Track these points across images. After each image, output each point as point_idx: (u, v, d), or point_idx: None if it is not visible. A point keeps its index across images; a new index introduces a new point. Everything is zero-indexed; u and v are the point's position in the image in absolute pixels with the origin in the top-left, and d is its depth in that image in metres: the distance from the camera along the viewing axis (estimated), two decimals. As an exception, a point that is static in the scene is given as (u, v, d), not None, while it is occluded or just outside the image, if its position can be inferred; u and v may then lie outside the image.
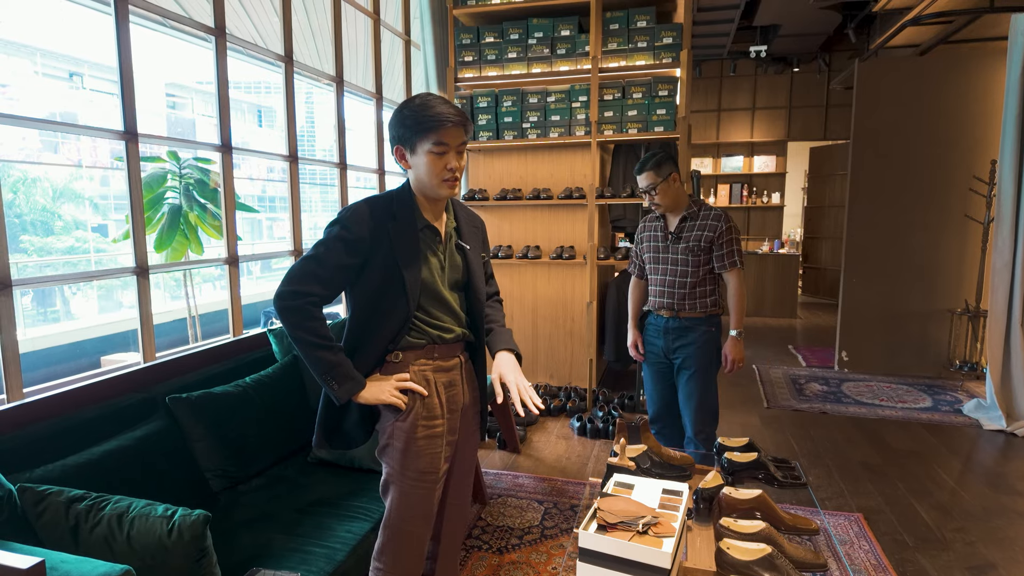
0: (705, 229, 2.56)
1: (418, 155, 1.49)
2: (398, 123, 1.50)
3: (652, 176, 2.54)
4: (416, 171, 1.52)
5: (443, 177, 1.49)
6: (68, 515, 1.32)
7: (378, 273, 1.51)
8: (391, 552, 1.60)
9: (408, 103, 1.49)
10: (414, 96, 1.51)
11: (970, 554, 2.45)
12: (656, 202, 2.58)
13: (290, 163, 3.21)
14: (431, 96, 1.50)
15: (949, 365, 4.89)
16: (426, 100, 1.48)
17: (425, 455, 1.57)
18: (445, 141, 1.46)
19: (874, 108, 4.98)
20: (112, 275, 2.34)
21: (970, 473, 3.24)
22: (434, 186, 1.50)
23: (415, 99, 1.49)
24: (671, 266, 2.62)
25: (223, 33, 2.69)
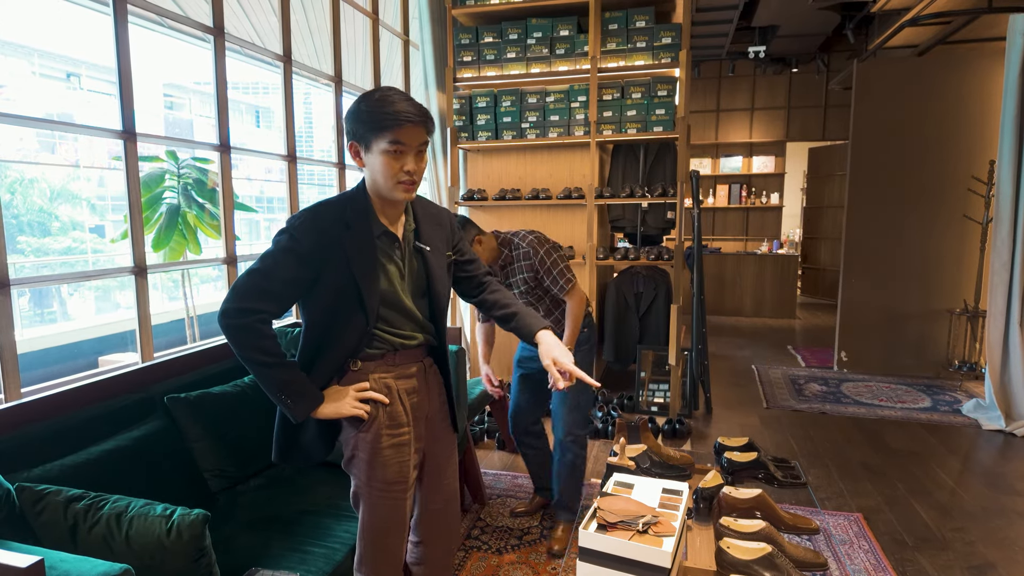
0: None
1: (373, 154, 1.36)
2: (354, 117, 1.37)
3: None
4: (371, 171, 1.40)
5: (399, 179, 1.37)
6: (67, 515, 1.31)
7: (332, 286, 1.41)
8: (369, 563, 1.55)
9: (366, 97, 1.37)
10: (373, 90, 1.37)
11: (970, 554, 2.45)
12: None
13: (288, 163, 3.21)
14: (391, 91, 1.37)
15: (948, 365, 4.89)
16: (385, 95, 1.35)
17: (392, 464, 1.50)
18: (402, 140, 1.34)
19: (873, 109, 4.99)
20: (110, 275, 2.34)
21: (969, 473, 3.24)
22: (389, 188, 1.39)
23: (374, 93, 1.37)
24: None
25: (222, 32, 2.69)
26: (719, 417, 4.08)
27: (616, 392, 4.34)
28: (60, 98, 14.06)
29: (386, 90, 1.37)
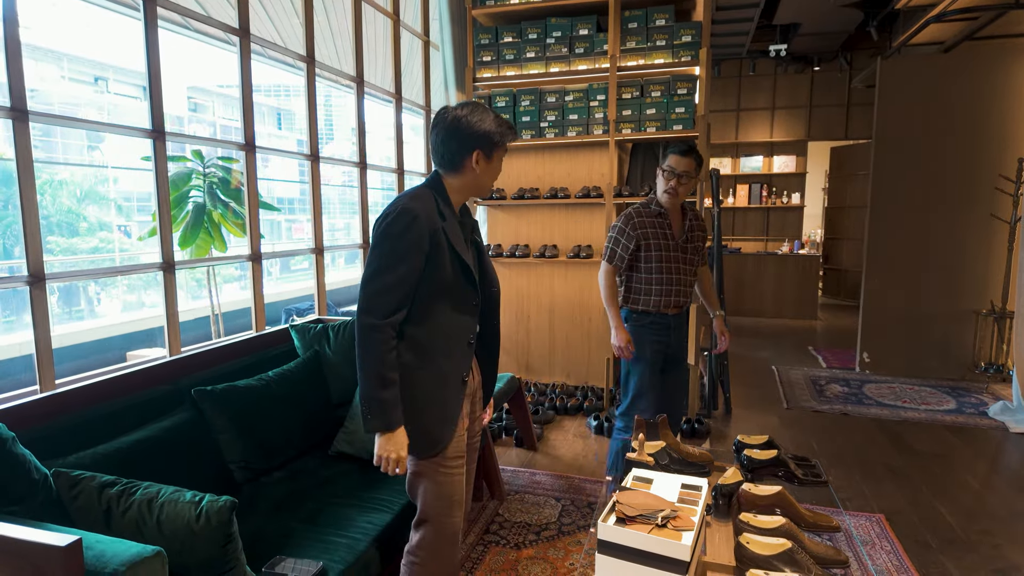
0: (700, 229, 2.73)
1: (493, 161, 1.60)
2: (491, 128, 1.56)
3: (693, 165, 2.55)
4: (482, 175, 1.61)
5: (492, 183, 1.67)
6: (101, 499, 1.35)
7: (441, 272, 1.54)
8: (429, 546, 1.63)
9: (488, 111, 1.57)
10: (479, 106, 1.58)
11: (995, 556, 2.41)
12: (676, 190, 2.58)
13: (311, 162, 3.26)
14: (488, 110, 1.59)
15: (974, 367, 4.81)
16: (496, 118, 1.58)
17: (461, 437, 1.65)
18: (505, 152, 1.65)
19: (897, 107, 4.92)
20: (140, 270, 2.40)
21: (996, 476, 3.18)
22: (486, 191, 1.67)
23: (488, 110, 1.58)
24: (682, 264, 2.65)
25: (247, 34, 2.74)
26: (738, 417, 4.06)
27: (634, 391, 4.34)
28: (88, 102, 14.40)
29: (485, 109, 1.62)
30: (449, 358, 1.59)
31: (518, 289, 4.48)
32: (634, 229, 2.64)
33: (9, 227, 10.65)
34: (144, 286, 11.78)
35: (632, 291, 2.71)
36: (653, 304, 2.66)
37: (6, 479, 1.30)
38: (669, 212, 2.65)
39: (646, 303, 2.67)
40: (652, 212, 2.66)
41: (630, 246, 2.64)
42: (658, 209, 2.65)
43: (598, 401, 4.16)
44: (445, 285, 1.56)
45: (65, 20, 13.28)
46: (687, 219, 2.69)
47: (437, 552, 1.64)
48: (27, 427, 1.60)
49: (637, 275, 2.68)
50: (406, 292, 1.52)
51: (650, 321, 2.67)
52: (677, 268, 2.64)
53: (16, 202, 1.84)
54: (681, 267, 2.65)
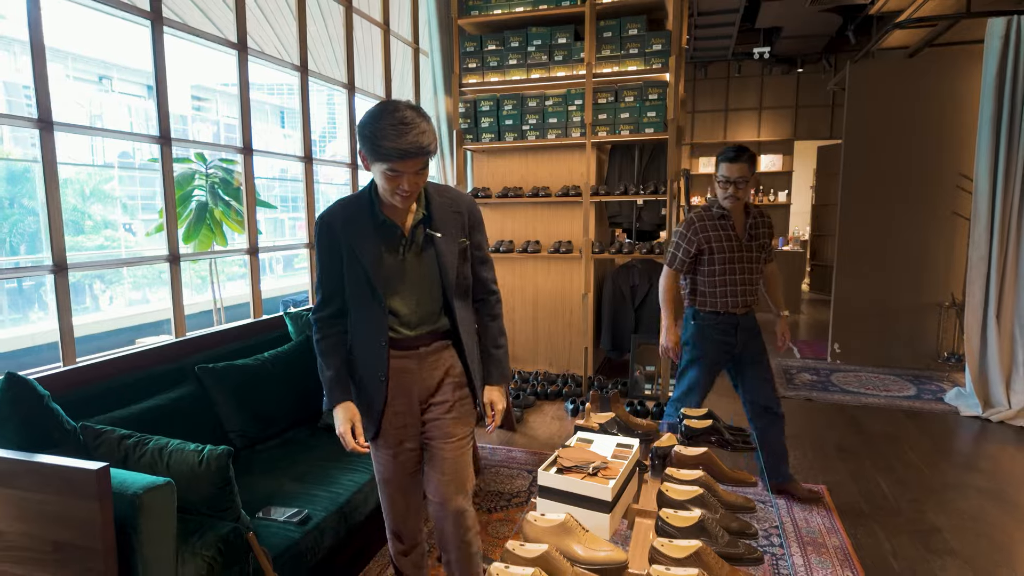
0: (765, 226, 2.74)
1: (375, 169, 1.50)
2: (359, 134, 1.49)
3: (746, 168, 2.56)
4: (375, 178, 1.54)
5: (395, 192, 1.51)
6: (119, 448, 1.62)
7: (351, 274, 1.60)
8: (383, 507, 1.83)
9: (370, 123, 1.46)
10: (380, 112, 1.46)
11: (919, 520, 2.67)
12: (736, 196, 2.60)
13: (305, 163, 3.52)
14: (393, 119, 1.43)
15: (937, 357, 5.06)
16: (382, 129, 1.43)
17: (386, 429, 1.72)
18: (398, 169, 1.46)
19: (865, 109, 5.16)
20: (148, 262, 2.66)
21: (937, 454, 3.44)
22: (388, 198, 1.54)
23: (378, 119, 1.45)
24: (748, 264, 2.68)
25: (245, 48, 3.00)
26: (710, 403, 4.29)
27: (611, 379, 4.60)
28: (92, 100, 14.70)
29: (389, 117, 1.44)
30: (362, 357, 1.65)
31: (504, 283, 4.74)
32: (695, 234, 2.67)
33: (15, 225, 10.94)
34: (148, 283, 12.06)
35: (698, 292, 2.75)
36: (720, 305, 2.69)
37: (46, 426, 1.57)
38: (732, 212, 2.67)
39: (712, 304, 2.70)
40: (714, 215, 2.67)
41: (691, 250, 2.68)
42: (720, 211, 2.67)
43: (576, 387, 4.42)
44: (353, 288, 1.62)
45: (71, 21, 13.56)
46: (750, 217, 2.71)
47: (386, 513, 1.82)
48: (55, 393, 1.87)
49: (702, 277, 2.72)
50: (330, 290, 1.64)
51: (717, 321, 2.71)
52: (742, 268, 2.67)
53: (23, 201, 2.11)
54: (746, 266, 2.68)
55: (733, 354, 2.77)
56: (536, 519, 1.54)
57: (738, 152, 2.58)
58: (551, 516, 1.54)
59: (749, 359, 2.79)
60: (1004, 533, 2.58)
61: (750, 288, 2.71)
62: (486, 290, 1.81)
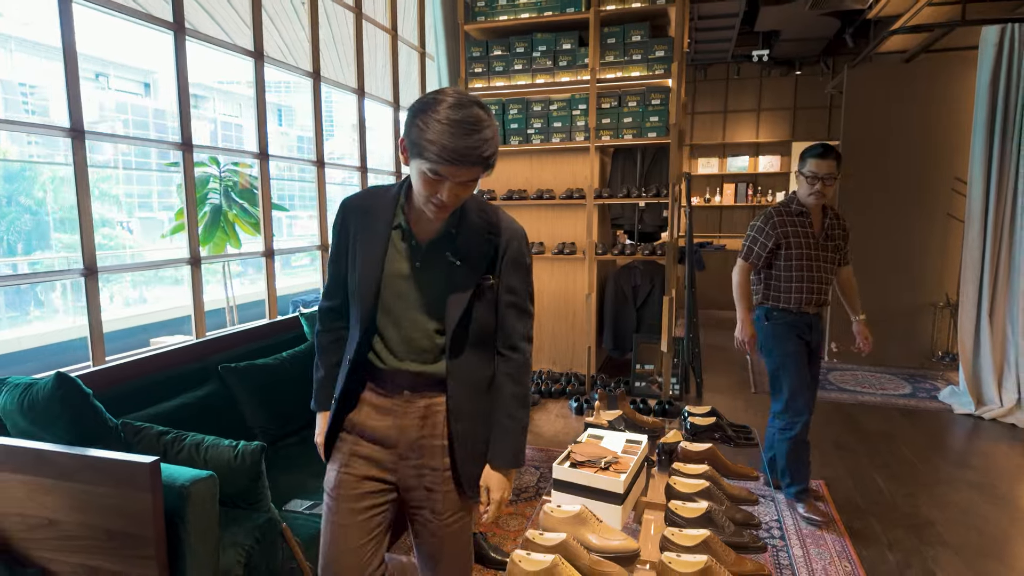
0: (842, 228, 2.76)
1: (414, 165, 1.21)
2: (409, 120, 1.20)
3: (834, 165, 2.55)
4: (412, 177, 1.26)
5: (429, 200, 1.23)
6: (158, 443, 1.71)
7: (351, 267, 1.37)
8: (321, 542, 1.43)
9: (425, 111, 1.16)
10: (440, 103, 1.16)
11: (913, 513, 2.78)
12: (822, 192, 2.59)
13: (317, 167, 3.61)
14: (458, 114, 1.15)
15: (931, 356, 5.17)
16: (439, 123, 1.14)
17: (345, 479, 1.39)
18: (442, 174, 1.17)
19: (862, 112, 5.27)
20: (171, 264, 2.75)
21: (932, 450, 3.55)
22: (418, 203, 1.27)
23: (434, 111, 1.15)
24: (824, 263, 2.68)
25: (261, 56, 3.09)
26: (708, 400, 4.42)
27: (613, 377, 4.70)
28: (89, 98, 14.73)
29: (453, 111, 1.15)
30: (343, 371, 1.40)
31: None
32: (773, 228, 2.66)
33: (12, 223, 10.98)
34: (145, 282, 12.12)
35: (772, 288, 2.72)
36: (795, 302, 2.67)
37: (92, 423, 1.66)
38: (811, 211, 2.67)
39: (787, 300, 2.68)
40: (793, 211, 2.67)
41: (768, 244, 2.66)
42: (799, 208, 2.67)
43: (580, 386, 4.53)
44: (350, 289, 1.39)
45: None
46: (827, 217, 2.71)
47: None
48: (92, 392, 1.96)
49: (777, 273, 2.70)
50: (335, 281, 1.44)
51: (792, 319, 2.69)
52: (818, 266, 2.66)
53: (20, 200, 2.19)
54: (822, 265, 2.67)
55: (806, 353, 2.73)
56: (553, 510, 1.64)
57: (827, 149, 2.55)
58: (567, 508, 1.64)
59: (812, 360, 2.77)
60: (993, 525, 2.69)
61: (824, 287, 2.69)
62: (510, 344, 1.40)
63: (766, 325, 2.74)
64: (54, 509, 1.46)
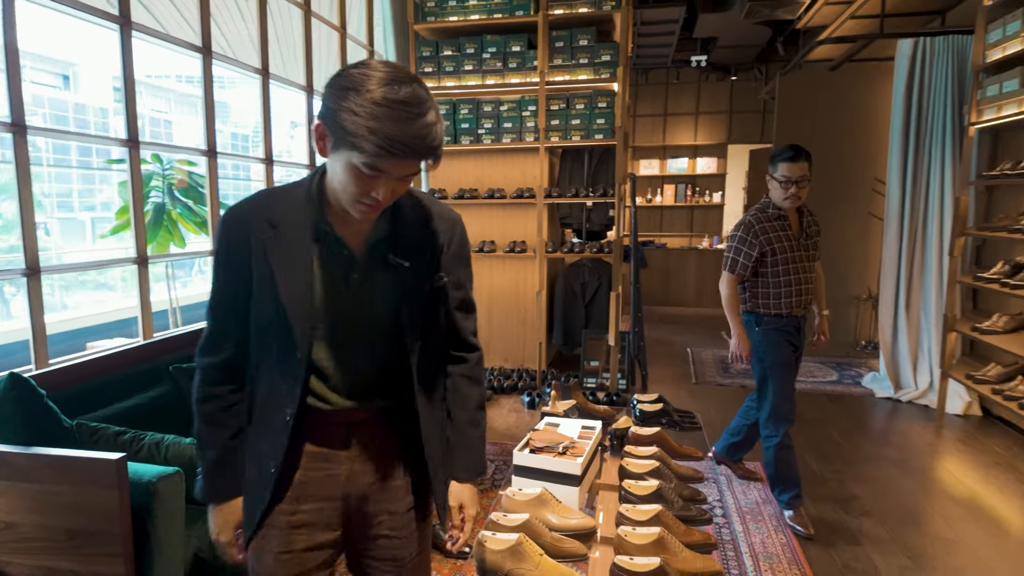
0: (816, 224, 2.74)
1: (338, 158, 0.97)
2: (332, 103, 0.94)
3: (806, 167, 2.53)
4: (331, 172, 1.01)
5: (359, 199, 0.99)
6: (116, 443, 1.70)
7: (259, 304, 1.08)
8: None
9: (354, 90, 0.92)
10: (371, 80, 0.92)
11: (840, 489, 3.01)
12: (798, 196, 2.56)
13: (266, 165, 3.57)
14: (396, 94, 0.91)
15: (855, 345, 5.55)
16: (375, 104, 0.90)
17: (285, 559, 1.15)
18: (383, 169, 0.94)
19: (793, 117, 5.60)
20: (118, 264, 2.68)
21: (856, 431, 3.83)
22: (344, 203, 1.02)
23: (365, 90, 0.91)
24: (806, 263, 2.66)
25: (209, 51, 3.04)
26: (653, 391, 4.60)
27: (563, 372, 4.83)
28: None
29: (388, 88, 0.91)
30: (254, 433, 1.12)
31: (459, 281, 4.89)
32: (755, 237, 2.61)
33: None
34: (65, 287, 11.48)
35: (760, 296, 2.68)
36: (785, 307, 2.63)
37: (46, 424, 1.63)
38: (788, 212, 2.65)
39: (777, 306, 2.64)
40: (771, 216, 2.63)
41: (753, 254, 2.61)
42: (776, 212, 2.63)
43: (531, 381, 4.63)
44: (259, 325, 1.09)
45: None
46: (804, 216, 2.70)
47: None
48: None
49: (764, 280, 2.65)
50: (224, 324, 1.10)
51: (783, 325, 2.66)
52: (802, 267, 2.65)
53: None
54: (805, 265, 2.66)
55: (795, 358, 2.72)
56: (515, 494, 1.73)
57: (797, 152, 2.52)
58: (528, 491, 1.73)
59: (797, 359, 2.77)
60: (910, 496, 2.95)
61: (809, 287, 2.69)
62: (465, 345, 1.27)
63: (757, 331, 2.70)
64: (9, 511, 1.44)
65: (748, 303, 2.73)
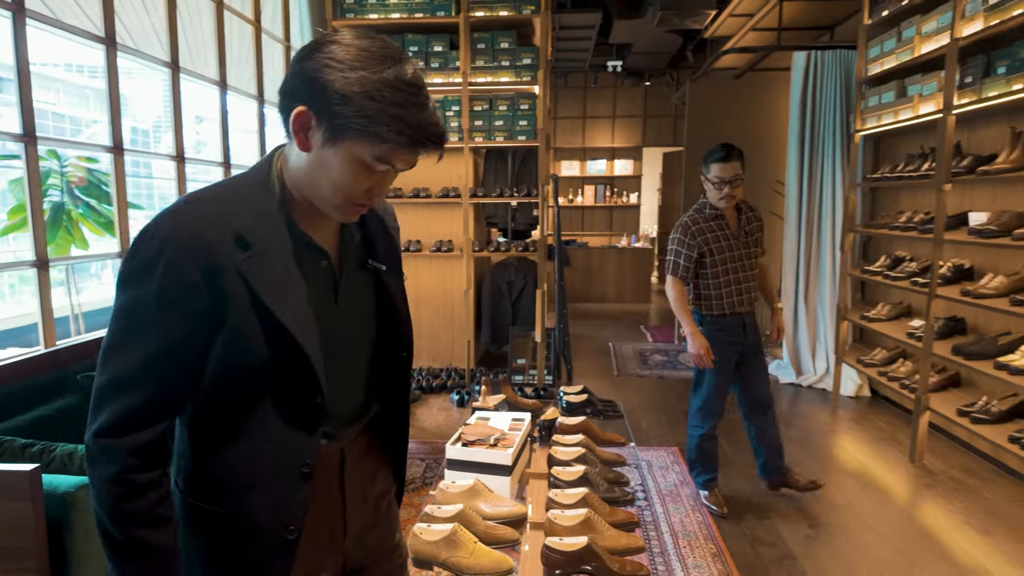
0: (757, 220, 2.76)
1: (337, 150, 0.82)
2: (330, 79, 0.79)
3: (739, 167, 2.55)
4: (315, 166, 0.84)
5: (354, 200, 0.86)
6: (24, 455, 1.60)
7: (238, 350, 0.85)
8: None
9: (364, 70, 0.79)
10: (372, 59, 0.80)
11: (749, 467, 3.24)
12: (732, 195, 2.58)
13: (177, 163, 3.42)
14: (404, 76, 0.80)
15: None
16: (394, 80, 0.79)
17: None
18: (395, 163, 0.84)
19: (702, 121, 5.94)
20: (13, 267, 2.49)
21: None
22: (332, 204, 0.87)
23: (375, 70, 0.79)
24: (747, 260, 2.69)
25: (114, 43, 2.88)
26: (578, 384, 4.76)
27: (492, 369, 4.90)
28: None
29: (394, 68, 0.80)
30: (263, 497, 0.90)
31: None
32: (693, 238, 2.64)
33: None
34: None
35: (703, 297, 2.71)
36: (727, 306, 2.67)
37: (-57, 439, 1.51)
38: (724, 211, 2.67)
39: (719, 306, 2.68)
40: (708, 216, 2.66)
41: (693, 255, 2.64)
42: (713, 212, 2.66)
43: (460, 380, 4.67)
44: (252, 375, 0.86)
45: None
46: (742, 214, 2.71)
47: None
48: (-71, 408, 1.76)
49: (705, 281, 2.68)
50: (159, 390, 0.83)
51: (726, 324, 2.70)
52: (742, 265, 2.67)
53: None
54: (745, 263, 2.69)
55: (743, 352, 2.78)
56: (448, 486, 1.77)
57: (729, 151, 2.53)
58: (461, 483, 1.78)
59: (751, 355, 2.80)
60: (810, 471, 3.22)
61: (751, 285, 2.72)
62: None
63: (700, 330, 2.74)
64: (-99, 535, 1.33)
65: (691, 304, 2.78)
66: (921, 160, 3.73)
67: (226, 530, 0.91)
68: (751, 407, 2.88)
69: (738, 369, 2.82)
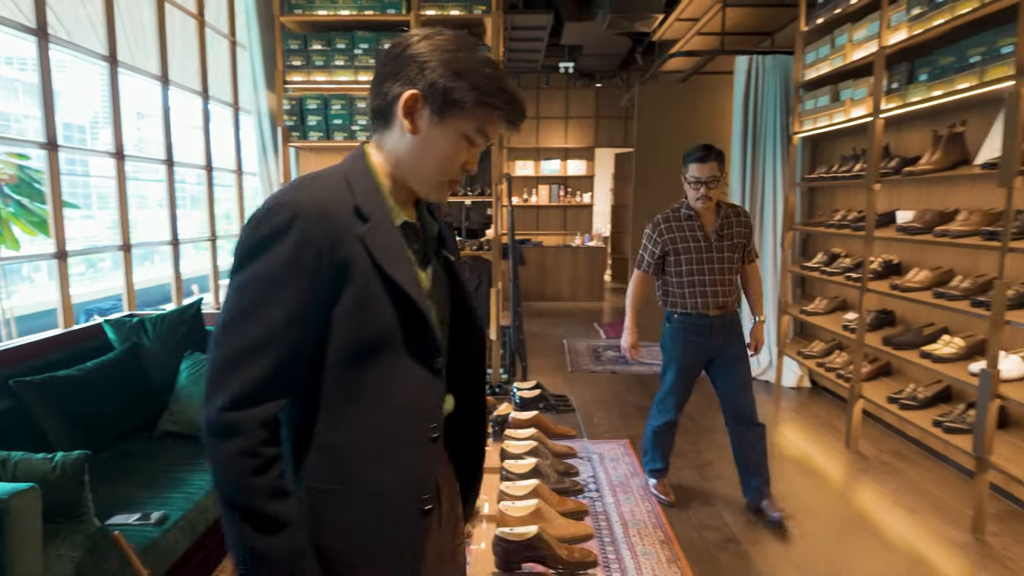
0: (743, 225, 2.70)
1: (444, 127, 0.91)
2: (441, 62, 0.89)
3: (716, 167, 2.53)
4: (421, 147, 0.92)
5: (451, 177, 0.95)
6: (-48, 465, 1.53)
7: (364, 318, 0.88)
8: None
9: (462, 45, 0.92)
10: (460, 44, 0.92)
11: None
12: (708, 196, 2.57)
13: (117, 160, 3.30)
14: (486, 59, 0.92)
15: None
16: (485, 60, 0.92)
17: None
18: (489, 134, 0.95)
19: (651, 122, 6.08)
20: (-65, 269, 2.36)
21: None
22: (430, 182, 0.95)
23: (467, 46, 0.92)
24: (720, 264, 2.65)
25: (45, 34, 2.76)
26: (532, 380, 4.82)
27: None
28: None
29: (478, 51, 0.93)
30: (392, 467, 0.91)
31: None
32: (660, 235, 2.68)
33: None
34: None
35: (669, 294, 2.75)
36: (691, 306, 2.67)
37: None
38: (701, 213, 2.65)
39: (683, 305, 2.69)
40: (681, 216, 2.66)
41: (656, 252, 2.69)
42: (689, 212, 2.66)
43: (414, 378, 4.66)
44: (375, 340, 0.89)
45: None
46: (720, 217, 2.66)
47: None
48: None
49: (670, 279, 2.72)
50: (286, 357, 0.85)
51: (691, 323, 2.69)
52: (711, 268, 2.63)
53: None
54: (715, 267, 2.63)
55: (710, 356, 2.75)
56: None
57: (707, 152, 2.53)
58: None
59: (724, 363, 2.74)
60: (754, 459, 3.35)
61: (723, 289, 2.66)
62: None
63: (667, 327, 2.81)
64: None
65: (661, 300, 2.84)
66: (854, 161, 3.92)
67: (349, 508, 0.91)
68: (731, 416, 2.82)
69: (713, 378, 2.81)
